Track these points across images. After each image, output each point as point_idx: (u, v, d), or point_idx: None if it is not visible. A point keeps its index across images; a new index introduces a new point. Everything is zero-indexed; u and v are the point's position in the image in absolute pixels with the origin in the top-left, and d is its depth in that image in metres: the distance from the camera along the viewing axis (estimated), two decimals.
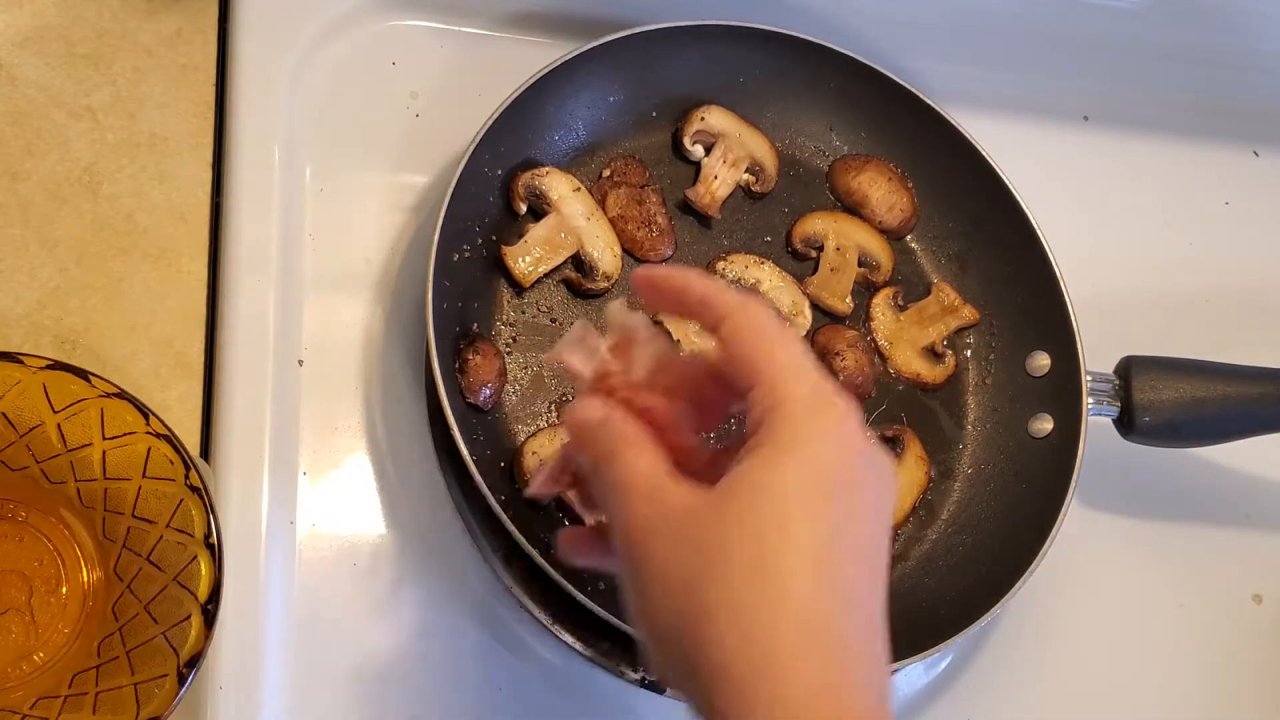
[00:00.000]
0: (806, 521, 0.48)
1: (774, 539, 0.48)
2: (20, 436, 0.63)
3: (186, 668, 0.58)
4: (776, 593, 0.47)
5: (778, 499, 0.48)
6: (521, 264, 0.79)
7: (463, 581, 0.75)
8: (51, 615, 0.64)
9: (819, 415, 0.50)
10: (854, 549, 0.49)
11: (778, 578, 0.47)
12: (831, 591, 0.48)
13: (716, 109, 0.86)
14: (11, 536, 0.65)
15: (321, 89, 0.83)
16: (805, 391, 0.50)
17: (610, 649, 0.74)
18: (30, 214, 0.74)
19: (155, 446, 0.61)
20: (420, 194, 0.83)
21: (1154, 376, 0.82)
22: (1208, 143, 1.04)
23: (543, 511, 0.75)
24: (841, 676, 0.47)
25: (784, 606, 0.47)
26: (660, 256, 0.83)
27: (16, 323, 0.72)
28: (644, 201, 0.83)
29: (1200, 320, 0.98)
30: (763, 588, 0.47)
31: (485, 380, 0.75)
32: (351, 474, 0.76)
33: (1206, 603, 0.90)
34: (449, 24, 0.88)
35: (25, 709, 0.61)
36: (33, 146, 0.76)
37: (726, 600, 0.47)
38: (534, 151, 0.82)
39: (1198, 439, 0.86)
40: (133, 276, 0.75)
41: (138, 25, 0.80)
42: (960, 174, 0.87)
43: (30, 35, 0.78)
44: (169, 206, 0.77)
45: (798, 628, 0.47)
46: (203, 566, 0.60)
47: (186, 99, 0.79)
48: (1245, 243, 1.02)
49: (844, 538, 0.49)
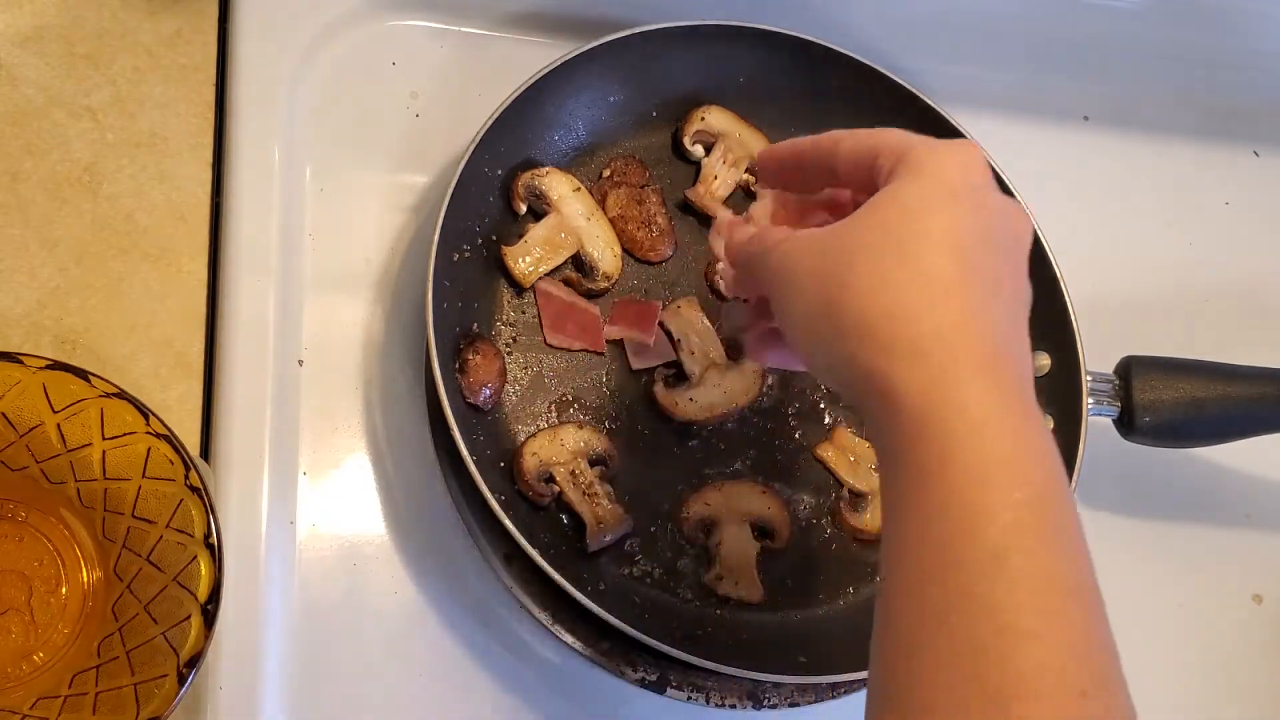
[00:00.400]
0: (940, 215, 0.52)
1: (910, 227, 0.52)
2: (20, 436, 0.63)
3: (186, 668, 0.58)
4: (915, 259, 0.51)
5: (911, 201, 0.53)
6: (521, 264, 0.79)
7: (463, 581, 0.75)
8: (51, 615, 0.64)
9: (943, 147, 0.55)
10: (988, 242, 0.53)
11: (915, 254, 0.51)
12: (973, 272, 0.51)
13: (716, 109, 0.86)
14: (11, 536, 0.65)
15: (321, 89, 0.83)
16: (923, 140, 0.56)
17: (610, 649, 0.74)
18: (30, 214, 0.74)
19: (155, 446, 0.61)
20: (420, 194, 0.83)
21: (1154, 376, 0.82)
22: (1208, 143, 1.04)
23: (543, 511, 0.75)
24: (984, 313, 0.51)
25: (920, 266, 0.51)
26: (660, 257, 0.83)
27: (16, 323, 0.72)
28: (644, 201, 0.83)
29: (1200, 320, 0.98)
30: (901, 255, 0.51)
31: (485, 380, 0.75)
32: (351, 474, 0.76)
33: (1206, 603, 0.90)
34: (449, 24, 0.88)
35: (25, 709, 0.61)
36: (33, 146, 0.76)
37: (866, 269, 0.52)
38: (534, 151, 0.82)
39: (1198, 439, 0.86)
40: (133, 276, 0.75)
41: (138, 25, 0.80)
42: None
43: (30, 35, 0.78)
44: (169, 206, 0.77)
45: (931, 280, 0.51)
46: (203, 566, 0.60)
47: (186, 99, 0.79)
48: (1245, 243, 1.02)
49: (977, 232, 0.52)
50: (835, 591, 0.79)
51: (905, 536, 0.50)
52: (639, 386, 0.80)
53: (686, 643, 0.71)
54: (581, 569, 0.74)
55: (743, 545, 0.77)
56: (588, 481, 0.75)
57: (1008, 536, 0.47)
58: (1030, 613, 0.46)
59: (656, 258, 0.83)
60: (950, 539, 0.47)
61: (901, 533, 0.50)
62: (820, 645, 0.76)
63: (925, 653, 0.47)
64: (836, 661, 0.73)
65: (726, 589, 0.76)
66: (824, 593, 0.79)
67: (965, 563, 0.47)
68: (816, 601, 0.79)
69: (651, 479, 0.78)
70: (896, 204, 0.53)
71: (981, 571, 0.46)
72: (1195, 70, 1.05)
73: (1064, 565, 0.47)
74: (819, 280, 0.54)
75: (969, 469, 0.48)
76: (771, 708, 0.76)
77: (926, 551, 0.48)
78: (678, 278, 0.83)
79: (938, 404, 0.49)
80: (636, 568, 0.76)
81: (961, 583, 0.47)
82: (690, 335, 0.81)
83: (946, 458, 0.48)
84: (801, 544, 0.79)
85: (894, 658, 0.49)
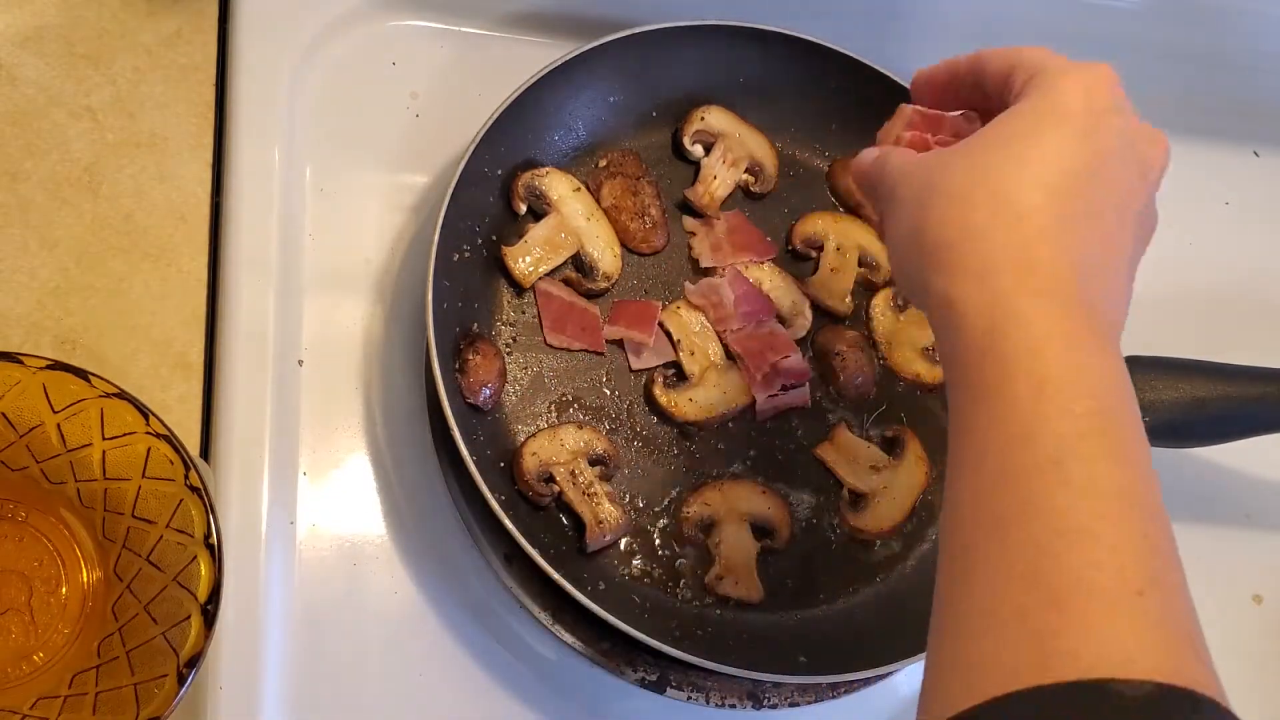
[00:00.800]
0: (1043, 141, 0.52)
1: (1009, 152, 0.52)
2: (20, 436, 0.63)
3: (186, 668, 0.58)
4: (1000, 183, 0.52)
5: (1021, 124, 0.53)
6: (521, 264, 0.79)
7: (463, 581, 0.75)
8: (51, 615, 0.64)
9: (1071, 68, 0.54)
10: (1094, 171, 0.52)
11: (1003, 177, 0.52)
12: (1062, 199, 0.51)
13: (716, 109, 0.86)
14: (11, 536, 0.65)
15: (321, 89, 0.83)
16: (1058, 61, 0.55)
17: (610, 649, 0.74)
18: (30, 214, 0.74)
19: (155, 446, 0.61)
20: (420, 194, 0.83)
21: (1154, 376, 0.82)
22: (1208, 143, 1.04)
23: (543, 512, 0.75)
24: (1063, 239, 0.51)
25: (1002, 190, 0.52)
26: (652, 249, 0.83)
27: (16, 323, 0.72)
28: (639, 193, 0.83)
29: (1200, 320, 0.98)
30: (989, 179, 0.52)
31: (485, 380, 0.75)
32: (351, 474, 0.76)
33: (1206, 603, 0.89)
34: (449, 24, 0.88)
35: (25, 709, 0.61)
36: (33, 146, 0.76)
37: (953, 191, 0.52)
38: (534, 151, 0.82)
39: (1198, 439, 0.86)
40: (133, 276, 0.75)
41: (138, 25, 0.80)
42: None
43: (30, 35, 0.78)
44: (169, 206, 0.77)
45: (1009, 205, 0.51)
46: (202, 566, 0.60)
47: (186, 99, 0.79)
48: (1245, 243, 1.02)
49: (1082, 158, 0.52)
50: (835, 591, 0.79)
51: (965, 453, 0.50)
52: (639, 386, 0.80)
53: (686, 643, 0.71)
54: (581, 569, 0.74)
55: (743, 545, 0.77)
56: (588, 481, 0.75)
57: (1066, 444, 0.47)
58: (1088, 515, 0.46)
59: (648, 249, 0.83)
60: (1008, 449, 0.48)
61: (962, 451, 0.50)
62: (820, 645, 0.76)
63: (984, 559, 0.47)
64: (836, 661, 0.73)
65: (726, 589, 0.76)
66: (824, 593, 0.79)
67: (1023, 471, 0.47)
68: (816, 601, 0.79)
69: (651, 479, 0.78)
70: (1004, 128, 0.54)
71: (1040, 478, 0.46)
72: (1195, 70, 1.04)
73: (1123, 473, 0.47)
74: (916, 203, 0.54)
75: (1028, 384, 0.48)
76: (771, 708, 0.76)
77: (986, 463, 0.49)
78: (677, 278, 0.83)
79: (999, 322, 0.49)
80: (636, 568, 0.76)
81: (1019, 490, 0.47)
82: (690, 335, 0.81)
83: (1006, 374, 0.48)
84: (801, 544, 0.79)
85: (953, 569, 0.49)
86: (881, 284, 0.87)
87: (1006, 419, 0.48)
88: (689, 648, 0.70)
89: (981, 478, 0.49)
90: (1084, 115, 0.53)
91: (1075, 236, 0.51)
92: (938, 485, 0.84)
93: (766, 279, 0.84)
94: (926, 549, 0.82)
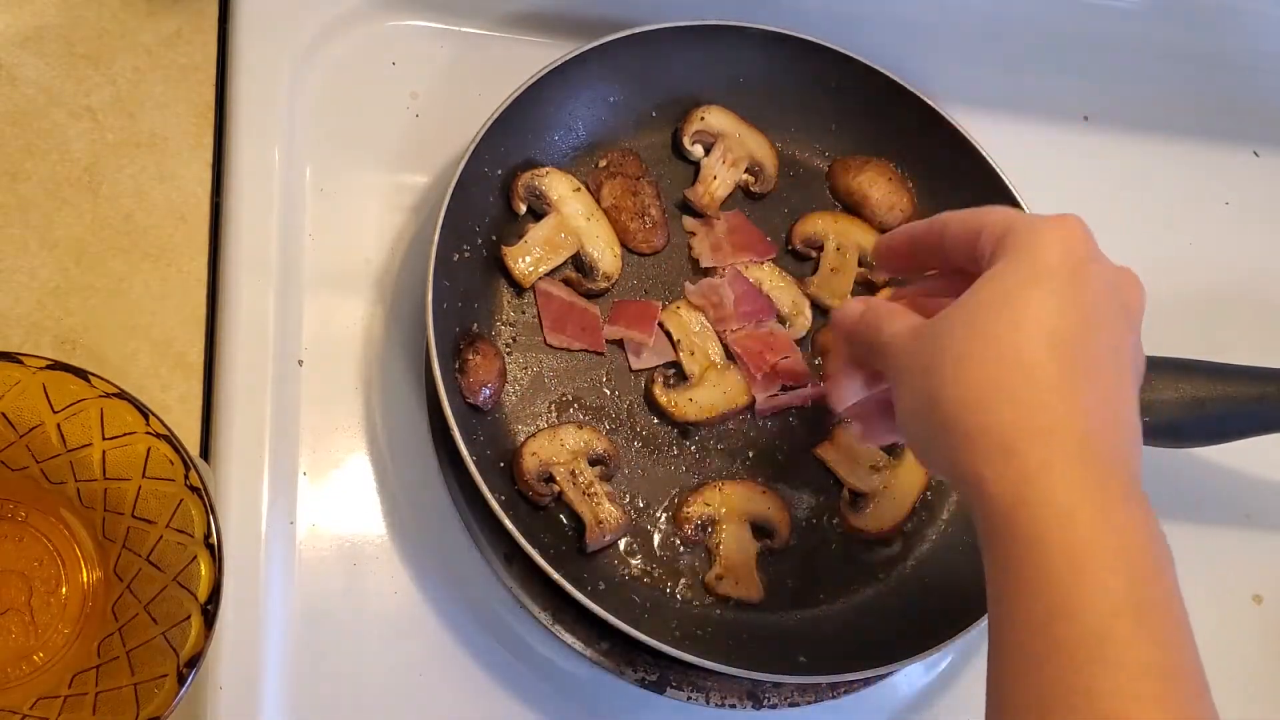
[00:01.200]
0: (1035, 301, 0.53)
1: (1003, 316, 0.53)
2: (20, 436, 0.63)
3: (186, 668, 0.58)
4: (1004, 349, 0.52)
5: (1007, 287, 0.53)
6: (521, 264, 0.79)
7: (463, 581, 0.75)
8: (51, 615, 0.64)
9: (1041, 224, 0.55)
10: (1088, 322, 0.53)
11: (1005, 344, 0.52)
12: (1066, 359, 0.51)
13: (716, 109, 0.86)
14: (11, 536, 0.65)
15: (321, 89, 0.83)
16: (1025, 218, 0.56)
17: (610, 649, 0.74)
18: (30, 214, 0.74)
19: (155, 446, 0.61)
20: (420, 194, 0.83)
21: (1154, 376, 0.82)
22: (1208, 143, 1.04)
23: (543, 511, 0.75)
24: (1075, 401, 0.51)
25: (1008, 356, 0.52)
26: (652, 249, 0.83)
27: (16, 323, 0.72)
28: (639, 193, 0.83)
29: (1200, 320, 0.97)
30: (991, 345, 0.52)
31: (485, 380, 0.75)
32: (351, 474, 0.76)
33: (1206, 603, 0.89)
34: (449, 24, 0.88)
35: (25, 709, 0.61)
36: (33, 146, 0.76)
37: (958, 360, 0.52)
38: (534, 151, 0.82)
39: (1198, 439, 0.86)
40: (133, 276, 0.75)
41: (138, 25, 0.80)
42: (960, 174, 0.87)
43: (30, 35, 0.78)
44: (169, 206, 0.77)
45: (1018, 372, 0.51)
46: (202, 567, 0.60)
47: (186, 99, 0.79)
48: (1245, 243, 1.02)
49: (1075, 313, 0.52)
50: (835, 591, 0.79)
51: (1004, 625, 0.51)
52: (639, 386, 0.80)
53: (686, 643, 0.71)
54: (581, 569, 0.74)
55: (743, 545, 0.77)
56: (587, 481, 0.75)
57: (1104, 623, 0.47)
58: (1129, 698, 0.46)
59: (648, 249, 0.83)
60: (1048, 626, 0.48)
61: (1001, 623, 0.51)
62: (820, 645, 0.76)
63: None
64: (836, 661, 0.73)
65: (726, 589, 0.76)
66: (824, 593, 0.79)
67: (1063, 649, 0.48)
68: (816, 601, 0.79)
69: (651, 479, 0.78)
70: (993, 291, 0.54)
71: (1081, 657, 0.47)
72: (1195, 70, 1.05)
73: (1163, 655, 0.48)
74: (922, 374, 0.55)
75: (1064, 559, 0.48)
76: (771, 708, 0.76)
77: (1026, 641, 0.49)
78: (677, 278, 0.83)
79: (1028, 495, 0.50)
80: (636, 567, 0.76)
81: (1061, 672, 0.47)
82: (690, 335, 0.81)
83: (1041, 549, 0.49)
84: (801, 544, 0.79)
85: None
86: (881, 284, 0.87)
87: (1044, 594, 0.49)
88: (689, 648, 0.70)
89: (1022, 657, 0.49)
90: (1067, 269, 0.54)
91: (1084, 391, 0.52)
92: (937, 485, 0.84)
93: (766, 279, 0.84)
94: (926, 549, 0.82)
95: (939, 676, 0.82)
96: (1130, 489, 0.51)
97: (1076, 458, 0.50)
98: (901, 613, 0.78)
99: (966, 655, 0.83)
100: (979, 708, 0.84)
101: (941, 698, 0.82)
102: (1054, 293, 0.53)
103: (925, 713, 0.81)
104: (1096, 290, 0.54)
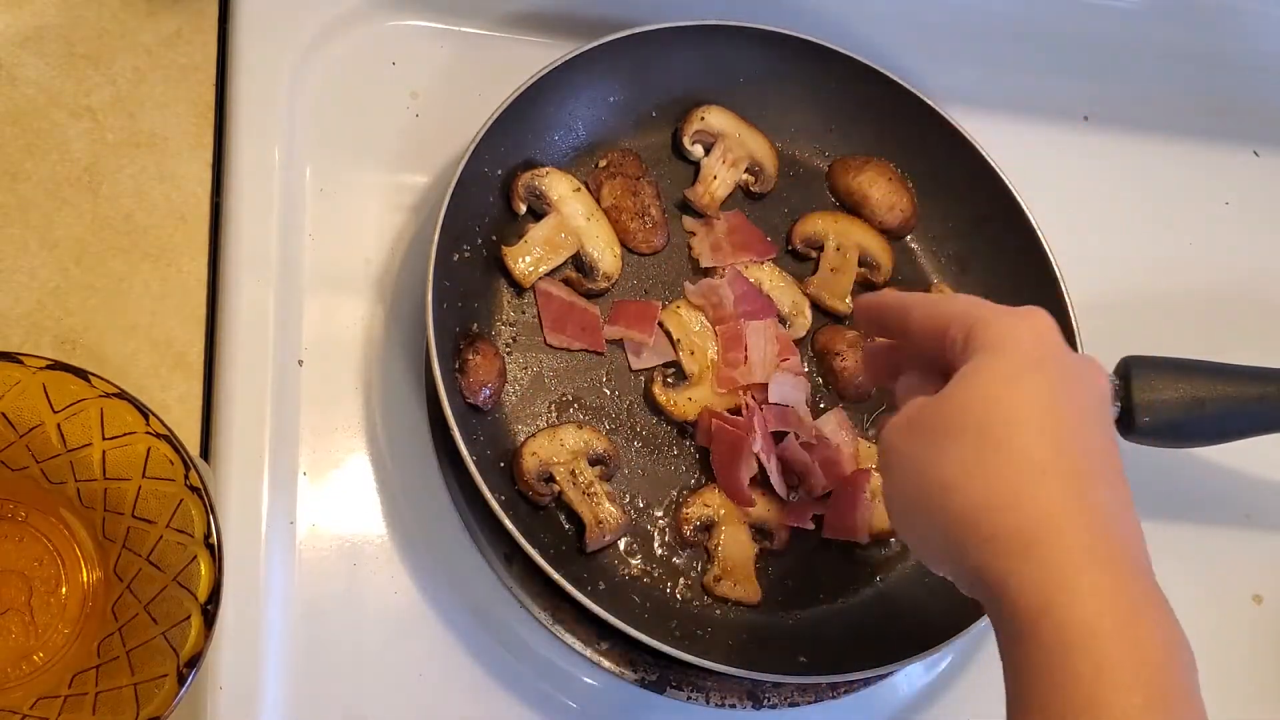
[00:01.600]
0: (1025, 393, 0.53)
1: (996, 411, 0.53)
2: (20, 436, 0.63)
3: (186, 668, 0.58)
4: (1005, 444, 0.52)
5: (993, 381, 0.54)
6: (521, 264, 0.79)
7: (463, 581, 0.75)
8: (51, 615, 0.64)
9: (1011, 317, 0.56)
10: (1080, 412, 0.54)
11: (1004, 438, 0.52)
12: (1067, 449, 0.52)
13: (716, 109, 0.86)
14: (11, 536, 0.65)
15: (321, 89, 0.83)
16: (992, 309, 0.57)
17: (610, 649, 0.74)
18: (30, 214, 0.74)
19: (155, 446, 0.61)
20: (420, 194, 0.83)
21: (1154, 376, 0.82)
22: (1208, 143, 1.04)
23: (543, 511, 0.75)
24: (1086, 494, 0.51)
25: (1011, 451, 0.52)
26: (652, 249, 0.83)
27: (16, 323, 0.72)
28: (639, 193, 0.83)
29: (1200, 320, 0.98)
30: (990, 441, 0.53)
31: (485, 380, 0.75)
32: (351, 474, 0.76)
33: (1206, 603, 0.90)
34: (449, 24, 0.88)
35: (25, 709, 0.61)
36: (33, 146, 0.76)
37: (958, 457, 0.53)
38: (534, 151, 0.82)
39: (1198, 439, 0.86)
40: (133, 276, 0.75)
41: (138, 25, 0.80)
42: (960, 174, 0.87)
43: (30, 35, 0.78)
44: (169, 206, 0.77)
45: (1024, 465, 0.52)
46: (202, 566, 0.60)
47: (186, 99, 0.79)
48: (1245, 243, 1.02)
49: (1066, 404, 0.53)
50: (835, 591, 0.79)
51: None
52: (639, 386, 0.80)
53: (686, 643, 0.71)
54: (581, 569, 0.74)
55: (741, 546, 0.77)
56: (587, 481, 0.75)
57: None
58: None
59: (648, 249, 0.83)
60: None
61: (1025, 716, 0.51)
62: (820, 645, 0.76)
63: None
64: (836, 661, 0.73)
65: (725, 590, 0.76)
66: (823, 593, 0.79)
67: None
68: (816, 601, 0.79)
69: (651, 479, 0.78)
70: (979, 385, 0.54)
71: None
72: (1195, 70, 1.05)
73: None
74: (914, 470, 0.55)
75: (1087, 663, 0.49)
76: (771, 708, 0.76)
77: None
78: (677, 278, 0.83)
79: (1051, 602, 0.50)
80: (636, 567, 0.76)
81: None
82: (689, 335, 0.81)
83: (1065, 652, 0.49)
84: (801, 544, 0.79)
85: None
86: (881, 284, 0.87)
87: (1068, 693, 0.49)
88: (689, 648, 0.70)
89: None
90: (1046, 360, 0.54)
91: (1093, 486, 0.52)
92: None
93: (766, 279, 0.84)
94: None
95: (939, 676, 0.82)
96: (1148, 590, 0.51)
97: (1098, 556, 0.50)
98: (901, 613, 0.78)
99: (966, 655, 0.83)
100: (979, 708, 0.84)
101: (941, 698, 0.82)
102: (1042, 383, 0.53)
103: (925, 713, 0.81)
104: (1077, 377, 0.55)
